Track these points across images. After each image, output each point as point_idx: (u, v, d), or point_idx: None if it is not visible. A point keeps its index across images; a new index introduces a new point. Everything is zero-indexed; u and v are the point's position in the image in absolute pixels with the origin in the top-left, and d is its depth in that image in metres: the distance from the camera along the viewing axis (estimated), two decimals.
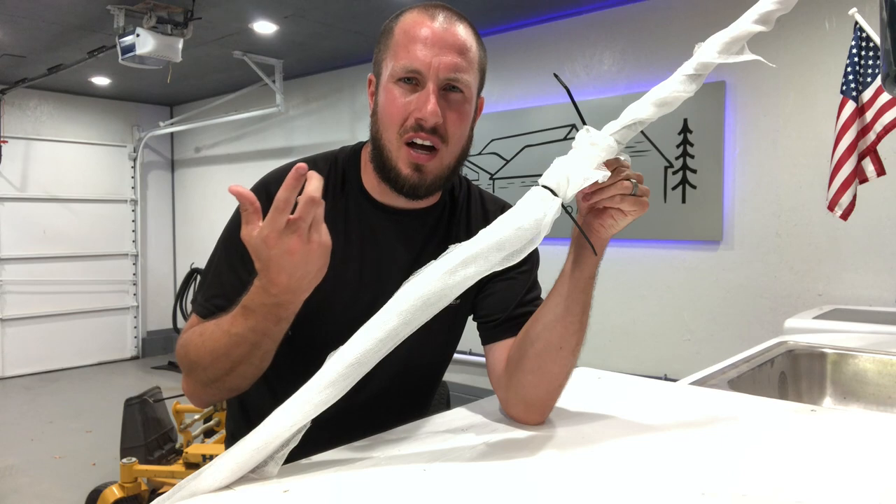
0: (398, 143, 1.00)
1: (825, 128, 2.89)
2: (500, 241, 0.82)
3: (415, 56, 0.98)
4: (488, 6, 3.89)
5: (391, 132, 1.01)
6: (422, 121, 0.98)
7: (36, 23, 4.20)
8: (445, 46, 0.99)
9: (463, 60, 1.00)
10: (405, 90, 0.99)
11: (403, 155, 1.00)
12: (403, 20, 1.02)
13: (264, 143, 6.09)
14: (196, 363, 0.95)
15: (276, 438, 0.80)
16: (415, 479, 0.83)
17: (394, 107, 1.00)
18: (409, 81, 0.99)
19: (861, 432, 1.05)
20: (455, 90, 1.01)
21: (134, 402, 3.19)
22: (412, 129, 0.99)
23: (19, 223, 6.18)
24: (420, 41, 0.98)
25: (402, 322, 0.81)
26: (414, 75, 0.99)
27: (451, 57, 0.99)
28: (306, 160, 1.14)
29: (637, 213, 0.90)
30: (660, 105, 0.85)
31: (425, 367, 1.19)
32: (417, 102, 0.98)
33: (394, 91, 1.00)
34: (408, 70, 0.98)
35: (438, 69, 0.98)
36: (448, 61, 0.98)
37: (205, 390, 0.97)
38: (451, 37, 1.00)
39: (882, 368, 1.66)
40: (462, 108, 1.02)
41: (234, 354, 0.90)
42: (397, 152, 1.01)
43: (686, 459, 0.90)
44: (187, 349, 0.97)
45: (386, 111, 1.01)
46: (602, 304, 3.90)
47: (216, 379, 0.94)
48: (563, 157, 0.87)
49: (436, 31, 0.99)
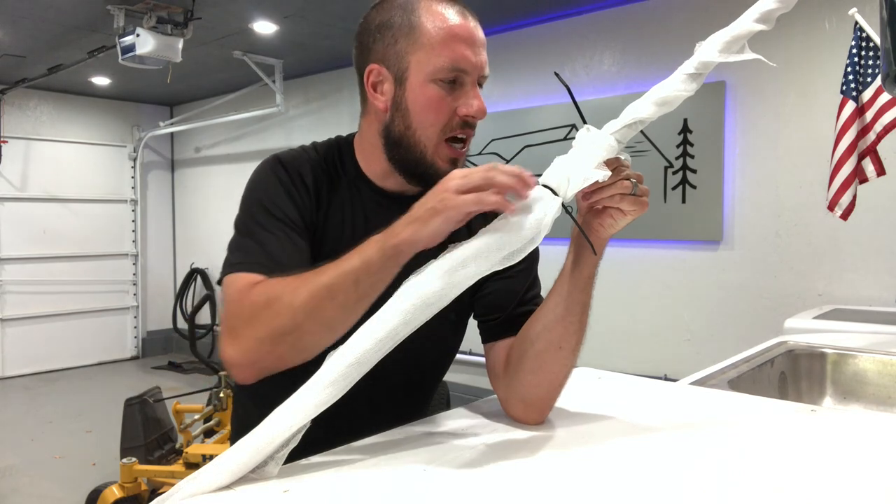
0: (438, 141, 1.01)
1: (825, 128, 2.88)
2: (500, 240, 0.82)
3: (462, 55, 0.99)
4: (488, 6, 3.89)
5: (431, 130, 1.01)
6: (471, 118, 1.00)
7: (36, 23, 4.20)
8: (480, 44, 1.02)
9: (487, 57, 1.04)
10: (446, 88, 1.00)
11: (443, 152, 1.02)
12: (429, 13, 1.00)
13: (264, 143, 6.09)
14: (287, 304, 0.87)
15: (275, 438, 0.80)
16: (415, 479, 0.83)
17: (439, 106, 1.00)
18: (452, 81, 1.00)
19: (861, 432, 1.05)
20: (480, 87, 1.04)
21: (134, 402, 3.19)
22: (458, 127, 1.01)
23: (19, 223, 6.18)
24: (462, 40, 1.00)
25: (401, 322, 0.81)
26: (460, 76, 1.00)
27: (484, 54, 1.02)
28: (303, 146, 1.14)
29: (637, 212, 0.90)
30: (660, 104, 0.85)
31: (427, 365, 1.19)
32: (463, 100, 1.00)
33: (434, 90, 1.00)
34: (456, 70, 0.99)
35: (480, 67, 1.01)
36: (485, 60, 1.02)
37: (272, 346, 0.89)
38: (480, 33, 1.03)
39: (882, 368, 1.66)
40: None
41: (336, 288, 0.86)
42: (435, 149, 1.01)
43: (686, 459, 0.90)
44: (273, 289, 0.89)
45: (427, 109, 1.01)
46: (602, 304, 3.88)
47: (302, 324, 0.87)
48: (564, 156, 0.87)
49: (471, 28, 1.01)
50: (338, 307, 0.87)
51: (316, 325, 0.88)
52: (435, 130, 1.01)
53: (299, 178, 1.06)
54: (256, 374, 0.92)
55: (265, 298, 0.89)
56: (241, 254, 0.99)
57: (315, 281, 0.87)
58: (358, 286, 0.86)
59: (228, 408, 3.33)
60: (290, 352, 0.90)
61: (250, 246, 0.99)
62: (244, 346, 0.90)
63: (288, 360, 0.91)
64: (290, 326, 0.87)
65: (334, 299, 0.86)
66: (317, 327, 0.88)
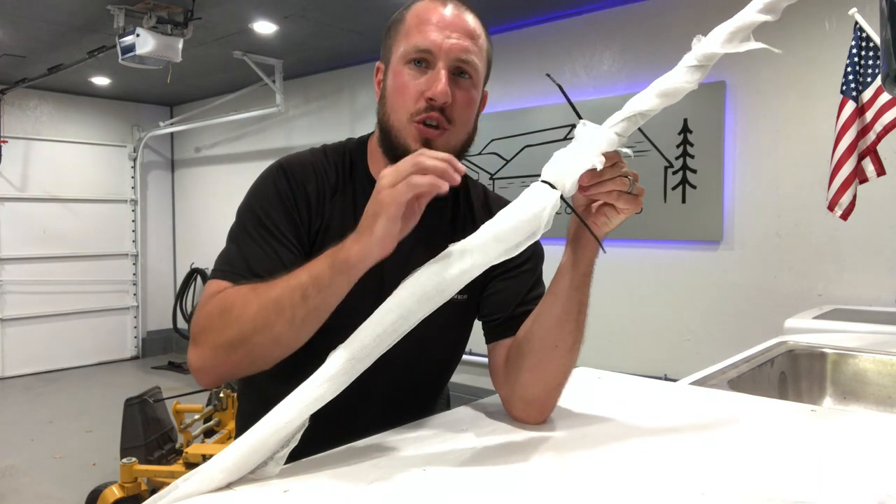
0: (408, 122, 1.01)
1: (825, 128, 2.88)
2: (499, 234, 0.82)
3: (426, 36, 0.99)
4: (488, 6, 3.89)
5: (401, 113, 1.01)
6: (432, 100, 0.99)
7: (36, 23, 4.20)
8: (457, 30, 1.01)
9: (472, 45, 1.02)
10: (415, 72, 1.00)
11: (412, 131, 1.01)
12: (415, 7, 1.04)
13: (264, 143, 6.09)
14: (236, 316, 0.89)
15: (273, 436, 0.80)
16: (415, 479, 0.83)
17: (404, 88, 1.01)
18: (419, 64, 1.00)
19: (861, 432, 1.05)
20: (463, 75, 1.02)
21: (134, 402, 3.19)
22: (423, 111, 0.99)
23: (19, 223, 6.18)
24: (432, 24, 1.00)
25: (399, 316, 0.80)
26: (425, 55, 1.00)
27: (461, 40, 1.01)
28: (315, 149, 1.13)
29: (631, 211, 0.91)
30: (662, 96, 0.85)
31: (435, 362, 1.18)
32: (428, 82, 0.99)
33: (404, 72, 1.01)
34: (419, 50, 0.99)
35: (450, 50, 1.00)
36: (458, 43, 1.00)
37: (225, 356, 0.91)
38: (462, 22, 1.02)
39: (882, 368, 1.66)
40: (470, 92, 1.03)
41: (284, 302, 0.87)
42: (406, 129, 1.01)
43: (686, 459, 0.90)
44: (227, 300, 0.92)
45: (396, 92, 1.02)
46: (602, 304, 3.91)
47: (245, 338, 0.88)
48: (563, 150, 0.87)
49: (447, 15, 1.01)
50: (285, 322, 0.87)
51: (264, 339, 0.89)
52: (404, 113, 1.01)
53: (301, 188, 1.05)
54: (215, 380, 0.95)
55: (220, 309, 0.92)
56: (223, 261, 1.01)
57: (265, 294, 0.89)
58: (307, 302, 0.86)
59: (228, 408, 3.33)
60: (244, 361, 0.92)
61: (233, 255, 1.01)
62: (201, 352, 0.93)
63: (244, 369, 0.94)
64: (238, 339, 0.89)
65: (281, 314, 0.87)
66: (265, 341, 0.89)
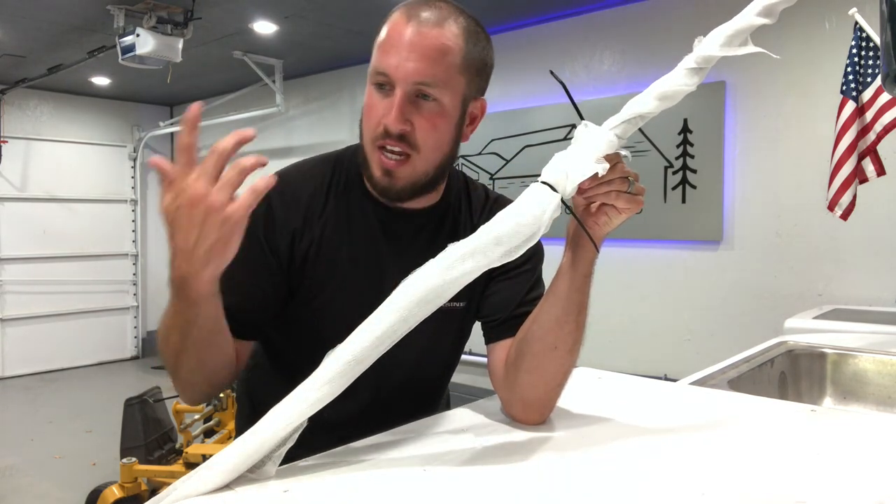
0: (372, 147, 0.99)
1: (825, 128, 2.88)
2: (498, 236, 0.82)
3: (385, 59, 0.96)
4: (488, 6, 3.89)
5: (367, 136, 1.00)
6: (386, 127, 0.96)
7: (36, 23, 4.20)
8: (415, 51, 0.94)
9: (433, 67, 0.94)
10: (380, 94, 0.98)
11: (375, 158, 1.00)
12: (389, 20, 0.99)
13: (264, 143, 6.09)
14: (159, 347, 0.96)
15: (272, 437, 0.80)
16: (415, 479, 0.83)
17: (370, 110, 0.99)
18: (382, 87, 0.97)
19: (861, 432, 1.04)
20: (426, 98, 0.96)
21: (134, 402, 3.19)
22: (382, 136, 0.97)
23: (19, 223, 6.18)
24: (393, 45, 0.95)
25: (399, 319, 0.80)
26: (384, 80, 0.96)
27: (419, 63, 0.94)
28: (308, 161, 1.13)
29: (631, 211, 0.91)
30: (661, 99, 0.85)
31: (434, 369, 1.19)
32: (385, 108, 0.96)
33: (371, 94, 0.99)
34: (378, 73, 0.97)
35: (406, 76, 0.94)
36: (413, 68, 0.93)
37: (175, 381, 0.97)
38: (426, 40, 0.94)
39: (882, 368, 1.66)
40: (434, 117, 0.98)
41: (171, 338, 0.90)
42: (371, 155, 1.00)
43: (686, 459, 0.90)
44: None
45: (364, 113, 1.01)
46: (602, 304, 3.91)
47: (172, 366, 0.93)
48: (563, 151, 0.87)
49: (410, 34, 0.94)
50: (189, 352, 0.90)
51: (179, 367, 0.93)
52: (369, 137, 0.99)
53: (284, 217, 1.04)
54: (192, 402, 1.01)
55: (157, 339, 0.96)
56: None
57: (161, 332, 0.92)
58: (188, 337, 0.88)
59: (228, 408, 3.33)
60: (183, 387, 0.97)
61: None
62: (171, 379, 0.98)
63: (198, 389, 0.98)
64: (169, 367, 0.94)
65: (173, 345, 0.90)
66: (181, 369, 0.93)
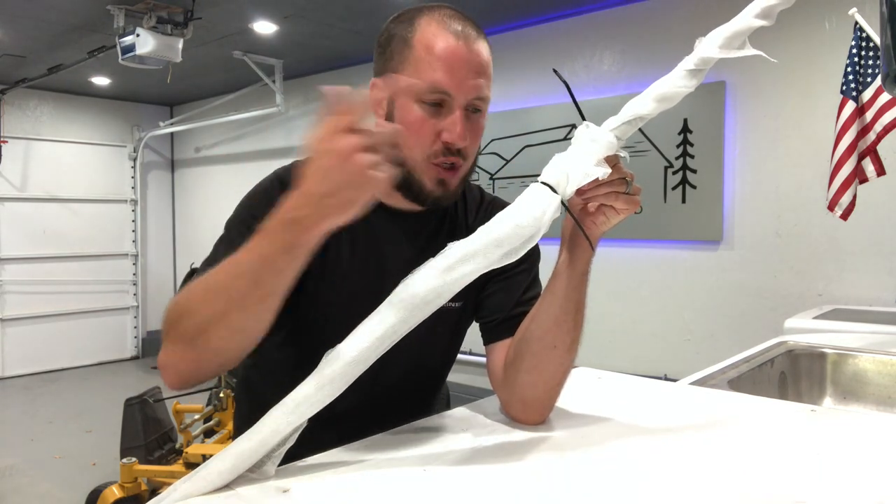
0: (425, 163, 0.99)
1: (825, 128, 2.88)
2: (499, 238, 0.82)
3: (444, 78, 0.96)
4: (488, 6, 3.89)
5: (416, 152, 0.99)
6: (451, 145, 0.97)
7: (36, 23, 4.20)
8: (472, 69, 0.98)
9: (486, 81, 1.00)
10: (430, 110, 0.97)
11: (430, 172, 0.99)
12: (423, 32, 0.98)
13: (264, 143, 6.09)
14: (185, 308, 0.86)
15: (272, 437, 0.80)
16: (415, 479, 0.83)
17: (419, 127, 0.98)
18: (435, 103, 0.97)
19: (861, 432, 1.04)
20: (477, 111, 1.00)
21: (134, 402, 3.19)
22: (441, 153, 0.98)
23: (19, 223, 6.18)
24: (447, 63, 0.96)
25: (399, 320, 0.80)
26: (442, 98, 0.97)
27: (479, 80, 0.98)
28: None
29: (629, 211, 0.91)
30: (660, 100, 0.85)
31: (429, 369, 1.19)
32: (446, 125, 0.97)
33: (416, 110, 0.98)
34: (436, 92, 0.96)
35: (468, 92, 0.97)
36: (476, 84, 0.98)
37: (184, 352, 0.87)
38: (477, 57, 0.99)
39: (882, 368, 1.66)
40: (479, 125, 1.02)
41: (234, 288, 0.82)
42: (423, 169, 0.99)
43: (686, 459, 0.90)
44: (178, 298, 0.88)
45: (409, 129, 0.98)
46: (602, 304, 3.91)
47: (202, 330, 0.84)
48: (563, 153, 0.87)
49: (462, 51, 0.97)
50: (239, 311, 0.83)
51: (220, 330, 0.84)
52: (419, 153, 0.98)
53: None
54: (179, 380, 0.90)
55: (176, 304, 0.88)
56: (204, 262, 0.99)
57: (214, 283, 0.84)
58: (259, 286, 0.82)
59: (228, 408, 3.33)
60: (202, 357, 0.87)
61: (214, 258, 0.98)
62: (165, 350, 0.89)
63: (204, 366, 0.88)
64: (195, 331, 0.85)
65: (233, 302, 0.82)
66: (222, 332, 0.84)
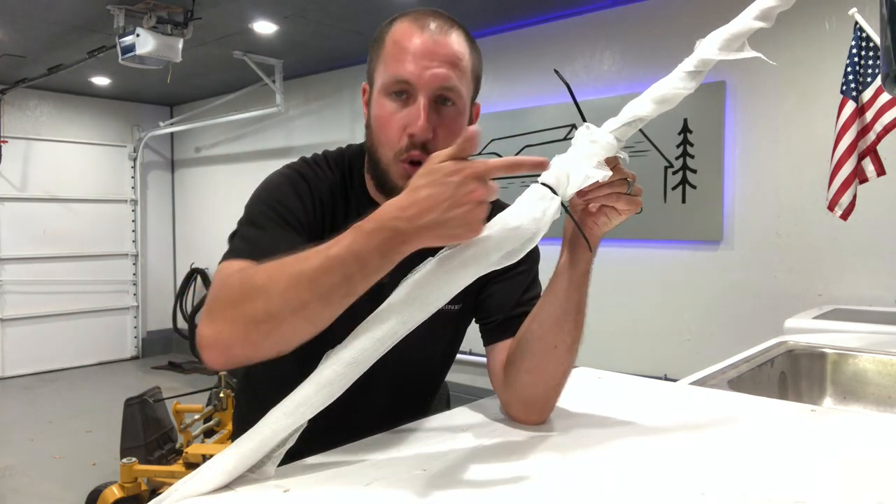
0: (394, 161, 0.98)
1: (825, 128, 2.88)
2: (499, 239, 0.82)
3: (404, 68, 0.95)
4: (488, 6, 3.89)
5: (386, 150, 0.99)
6: (413, 137, 0.96)
7: (36, 23, 4.20)
8: (437, 58, 0.96)
9: (455, 72, 0.97)
10: (396, 104, 0.97)
11: (399, 169, 0.98)
12: (394, 29, 0.99)
13: (264, 143, 6.09)
14: (259, 291, 0.81)
15: (272, 438, 0.80)
16: (414, 479, 0.83)
17: (386, 122, 0.98)
18: (399, 95, 0.97)
19: (861, 432, 1.05)
20: (447, 103, 0.98)
21: (134, 402, 3.19)
22: (406, 149, 0.97)
23: (19, 223, 6.18)
24: (410, 52, 0.96)
25: (399, 321, 0.80)
26: (404, 87, 0.96)
27: (442, 69, 0.96)
28: (316, 156, 1.12)
29: (630, 212, 0.91)
30: (659, 102, 0.85)
31: (427, 370, 1.19)
32: (409, 117, 0.96)
33: (385, 104, 0.98)
34: (398, 81, 0.96)
35: (430, 81, 0.95)
36: (439, 73, 0.96)
37: (246, 333, 0.82)
38: (443, 48, 0.97)
39: (882, 368, 1.66)
40: (454, 121, 0.99)
41: (322, 281, 0.79)
42: (392, 167, 0.99)
43: (686, 459, 0.90)
44: (253, 275, 0.84)
45: (378, 125, 1.00)
46: (602, 304, 3.91)
47: (274, 316, 0.80)
48: (563, 154, 0.87)
49: (426, 41, 0.96)
50: (320, 302, 0.80)
51: (295, 318, 0.81)
52: (389, 150, 0.98)
53: (317, 191, 1.04)
54: (226, 360, 0.86)
55: (244, 283, 0.84)
56: (242, 242, 0.96)
57: (299, 271, 0.80)
58: (349, 282, 0.79)
59: (228, 408, 3.33)
60: (266, 341, 0.83)
61: (253, 236, 0.97)
62: (217, 327, 0.84)
63: (261, 349, 0.84)
64: (265, 314, 0.81)
65: (318, 293, 0.79)
66: (296, 320, 0.81)
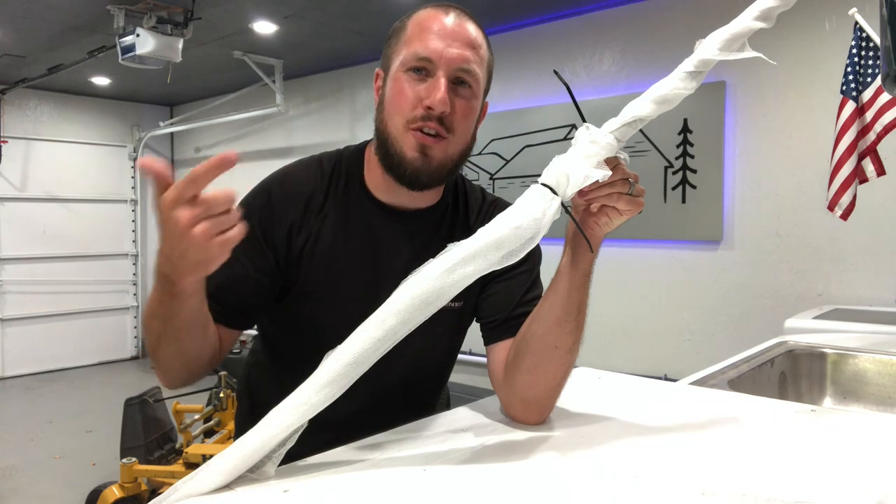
0: (404, 129, 1.00)
1: (825, 128, 2.88)
2: (499, 239, 0.82)
3: (427, 45, 0.99)
4: (488, 6, 3.89)
5: (398, 119, 1.01)
6: (431, 109, 0.98)
7: (36, 23, 4.20)
8: (457, 39, 1.01)
9: (473, 55, 1.02)
10: (415, 80, 1.00)
11: (409, 139, 1.00)
12: (417, 16, 1.04)
13: (264, 143, 6.09)
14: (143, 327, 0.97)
15: (273, 439, 0.80)
16: (415, 479, 0.83)
17: (402, 95, 1.00)
18: (419, 72, 1.00)
19: (861, 432, 1.04)
20: (464, 84, 1.02)
21: (134, 402, 3.19)
22: (420, 119, 0.99)
23: (19, 223, 6.18)
24: (433, 32, 1.00)
25: (400, 321, 0.80)
26: (424, 64, 0.99)
27: (462, 50, 1.00)
28: (311, 159, 1.13)
29: (632, 212, 0.91)
30: (660, 102, 0.85)
31: (431, 369, 1.19)
32: (427, 91, 0.99)
33: (403, 80, 1.01)
34: (419, 58, 0.99)
35: (451, 60, 0.99)
36: (459, 53, 1.00)
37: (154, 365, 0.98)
38: (464, 31, 1.02)
39: (882, 368, 1.66)
40: (469, 102, 1.03)
41: (152, 325, 0.90)
42: (403, 137, 1.00)
43: (686, 459, 0.90)
44: None
45: (394, 99, 1.02)
46: (602, 304, 3.91)
47: (153, 348, 0.94)
48: (563, 154, 0.87)
49: (448, 25, 1.01)
50: (168, 341, 0.91)
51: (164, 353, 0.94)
52: (401, 119, 1.00)
53: (282, 210, 1.06)
54: (166, 383, 1.00)
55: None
56: None
57: (144, 317, 0.93)
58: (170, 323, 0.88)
59: (228, 408, 3.33)
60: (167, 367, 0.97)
61: None
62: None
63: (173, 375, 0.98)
64: (151, 347, 0.94)
65: (153, 333, 0.91)
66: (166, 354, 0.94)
